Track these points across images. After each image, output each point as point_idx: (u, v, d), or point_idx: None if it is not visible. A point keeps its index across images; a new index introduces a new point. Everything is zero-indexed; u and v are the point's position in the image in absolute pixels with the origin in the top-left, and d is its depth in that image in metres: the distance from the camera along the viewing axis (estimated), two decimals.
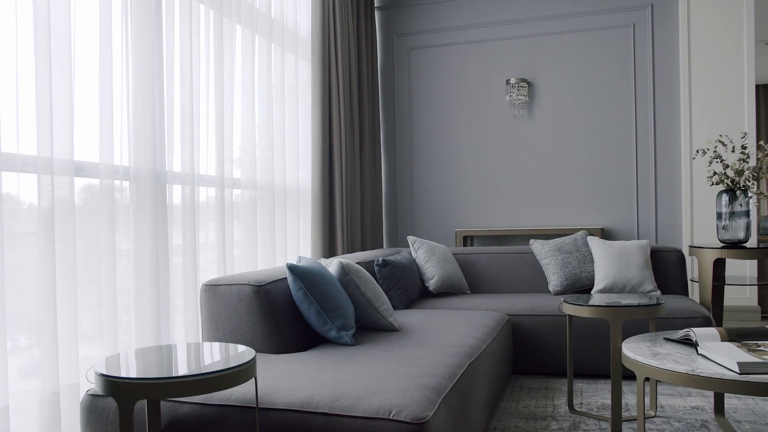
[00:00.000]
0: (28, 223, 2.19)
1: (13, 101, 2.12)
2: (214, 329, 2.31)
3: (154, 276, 2.70)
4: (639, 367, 1.99)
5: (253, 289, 2.25)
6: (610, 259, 3.49)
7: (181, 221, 2.94)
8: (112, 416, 1.76)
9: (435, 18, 5.13)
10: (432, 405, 1.60)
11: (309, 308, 2.27)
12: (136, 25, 2.64)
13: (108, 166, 2.52)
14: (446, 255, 3.71)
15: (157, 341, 2.72)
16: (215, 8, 3.19)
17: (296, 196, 4.11)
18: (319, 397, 1.62)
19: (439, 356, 2.06)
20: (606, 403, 2.70)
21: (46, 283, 2.18)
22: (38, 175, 2.21)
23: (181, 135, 2.94)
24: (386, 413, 1.54)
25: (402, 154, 5.22)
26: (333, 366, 1.93)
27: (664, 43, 4.61)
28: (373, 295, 2.51)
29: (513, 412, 2.61)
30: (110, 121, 2.52)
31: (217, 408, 1.67)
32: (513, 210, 4.92)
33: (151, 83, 2.69)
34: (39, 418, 2.19)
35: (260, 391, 1.69)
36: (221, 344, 1.69)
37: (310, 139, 4.23)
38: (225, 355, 1.54)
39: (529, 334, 3.21)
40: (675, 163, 4.60)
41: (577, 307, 2.39)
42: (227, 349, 1.61)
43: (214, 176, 3.19)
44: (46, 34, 2.18)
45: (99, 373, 1.40)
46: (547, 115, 4.86)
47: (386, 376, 1.78)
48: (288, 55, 4.05)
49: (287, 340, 2.27)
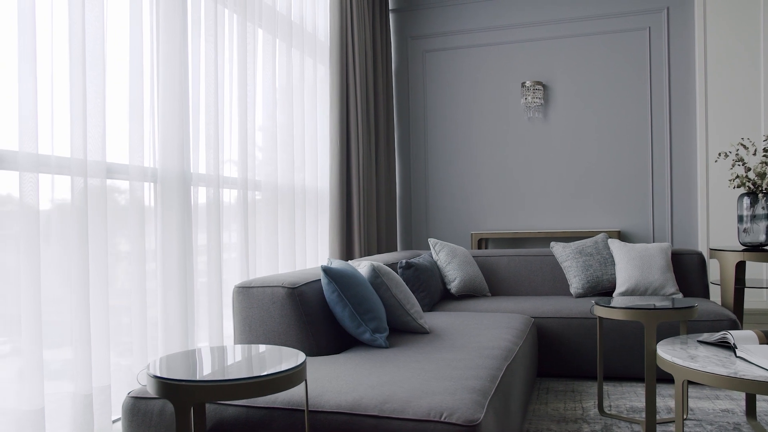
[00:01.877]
0: (62, 225, 2.18)
1: (48, 104, 2.12)
2: (247, 331, 2.30)
3: (180, 277, 2.69)
4: (678, 370, 1.98)
5: (287, 291, 2.24)
6: (631, 262, 3.49)
7: (206, 223, 2.94)
8: (156, 418, 1.76)
9: (450, 21, 5.14)
10: (481, 407, 1.59)
11: (343, 310, 2.26)
12: (164, 29, 2.64)
13: (138, 168, 2.52)
14: (467, 257, 3.71)
15: (183, 341, 2.72)
16: (239, 12, 3.19)
17: (315, 198, 4.11)
18: (368, 399, 1.62)
19: (477, 359, 2.06)
20: (635, 406, 2.70)
21: (78, 285, 2.18)
22: (72, 177, 2.21)
23: (206, 137, 2.94)
24: (437, 416, 1.53)
25: (416, 156, 5.22)
26: (373, 368, 1.93)
27: (680, 46, 4.62)
28: (404, 297, 2.51)
29: (543, 414, 2.61)
30: (141, 124, 2.52)
31: (263, 410, 1.66)
32: (528, 212, 4.92)
33: (178, 86, 2.69)
34: (72, 419, 2.19)
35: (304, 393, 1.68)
36: (267, 346, 1.68)
37: (328, 142, 4.23)
38: (276, 358, 1.53)
39: (553, 336, 3.21)
40: (691, 166, 4.60)
41: (610, 309, 2.39)
42: (280, 352, 1.60)
43: (237, 178, 3.19)
44: (81, 39, 2.19)
45: (153, 375, 1.39)
46: (562, 117, 4.86)
47: (430, 379, 1.78)
48: (307, 59, 4.06)
49: (321, 343, 2.26)
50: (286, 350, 1.62)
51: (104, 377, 2.32)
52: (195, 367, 1.47)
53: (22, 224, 1.99)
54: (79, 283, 2.17)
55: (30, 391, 2.00)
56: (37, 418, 2.03)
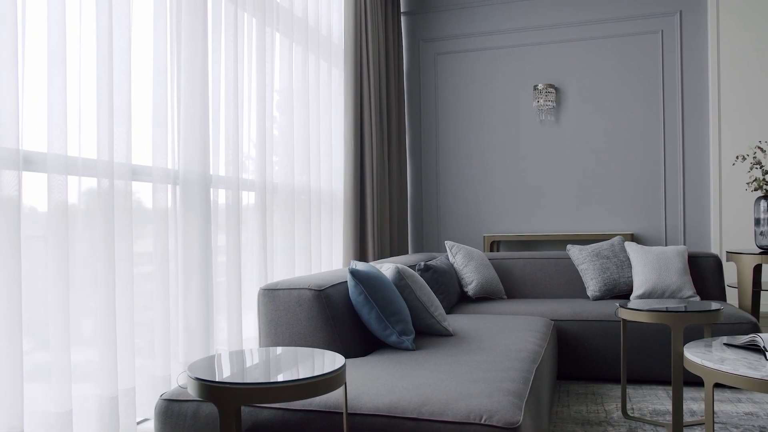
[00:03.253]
0: (88, 227, 2.18)
1: (76, 107, 2.13)
2: (272, 334, 2.30)
3: (201, 279, 2.69)
4: (708, 373, 1.98)
5: (314, 294, 2.24)
6: (648, 265, 3.48)
7: (225, 225, 2.94)
8: (189, 421, 1.75)
9: (461, 23, 5.14)
10: (519, 410, 1.59)
11: (369, 313, 2.26)
12: (186, 34, 2.66)
13: (161, 170, 2.52)
14: (483, 260, 3.71)
15: (204, 344, 2.72)
16: (258, 16, 3.20)
17: (329, 201, 4.11)
18: (405, 402, 1.62)
19: (506, 361, 2.05)
20: (657, 409, 2.69)
21: (104, 288, 2.18)
22: (98, 179, 2.21)
23: (225, 140, 2.94)
24: (477, 418, 1.53)
25: (428, 159, 5.22)
26: (405, 371, 1.92)
27: (692, 50, 4.62)
28: (427, 299, 2.51)
29: (566, 417, 2.60)
30: (164, 127, 2.53)
31: (299, 413, 1.66)
32: (540, 215, 4.92)
33: (199, 90, 2.70)
34: (98, 421, 2.18)
35: (341, 396, 1.68)
36: (301, 349, 1.68)
37: (342, 145, 4.23)
38: (317, 360, 1.53)
39: (572, 339, 3.20)
40: (703, 169, 4.60)
41: (636, 312, 2.39)
42: (320, 355, 1.60)
43: (255, 180, 3.19)
44: (108, 43, 2.20)
45: (196, 378, 1.39)
46: (574, 120, 4.86)
47: (465, 381, 1.77)
48: (322, 63, 4.07)
49: (347, 346, 2.26)
50: (323, 353, 1.61)
51: (129, 379, 2.31)
52: (236, 370, 1.46)
53: (51, 226, 1.99)
54: (105, 285, 2.17)
55: (58, 393, 2.00)
56: (65, 420, 2.03)
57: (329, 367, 1.45)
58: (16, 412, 1.83)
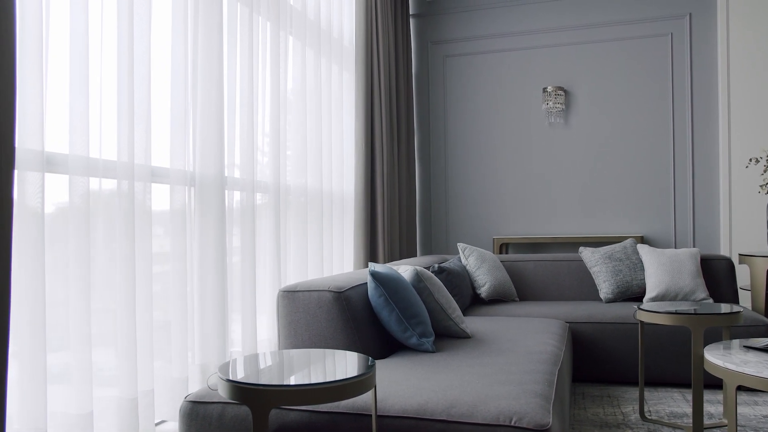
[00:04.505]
0: (107, 229, 2.18)
1: (98, 109, 2.13)
2: (292, 335, 2.30)
3: (217, 282, 2.69)
4: (731, 375, 1.98)
5: (334, 296, 2.24)
6: (661, 267, 3.48)
7: (240, 226, 2.94)
8: (215, 422, 1.75)
9: (470, 26, 5.15)
10: (548, 412, 1.59)
11: (390, 315, 2.26)
12: (203, 38, 2.66)
13: (178, 171, 2.53)
14: (495, 262, 3.71)
15: (220, 346, 2.71)
16: (272, 20, 3.21)
17: (340, 203, 4.11)
18: (433, 404, 1.61)
19: (528, 363, 2.05)
20: (675, 411, 2.69)
21: (123, 288, 2.18)
22: (118, 181, 2.21)
23: (240, 142, 2.95)
24: (507, 420, 1.53)
25: (436, 161, 5.23)
26: (429, 373, 1.92)
27: (702, 52, 4.63)
28: (445, 302, 2.51)
29: (584, 419, 2.60)
30: (182, 129, 2.53)
31: (326, 415, 1.66)
32: (549, 218, 4.92)
33: (215, 92, 2.70)
34: (118, 422, 2.18)
35: (369, 398, 1.68)
36: (329, 351, 1.68)
37: (352, 148, 4.24)
38: (348, 363, 1.53)
39: (586, 341, 3.20)
40: (713, 172, 4.61)
41: (655, 314, 2.38)
42: (351, 357, 1.60)
43: (269, 182, 3.19)
44: (129, 48, 2.21)
45: (228, 379, 1.38)
46: (583, 123, 4.87)
47: (492, 383, 1.77)
48: (333, 66, 4.07)
49: (367, 347, 2.26)
50: (351, 355, 1.61)
51: (148, 381, 2.31)
52: (268, 372, 1.46)
53: (71, 227, 1.99)
54: (125, 286, 2.17)
55: (79, 394, 2.00)
56: (86, 422, 2.03)
57: (361, 369, 1.45)
58: (40, 413, 1.83)
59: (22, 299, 1.79)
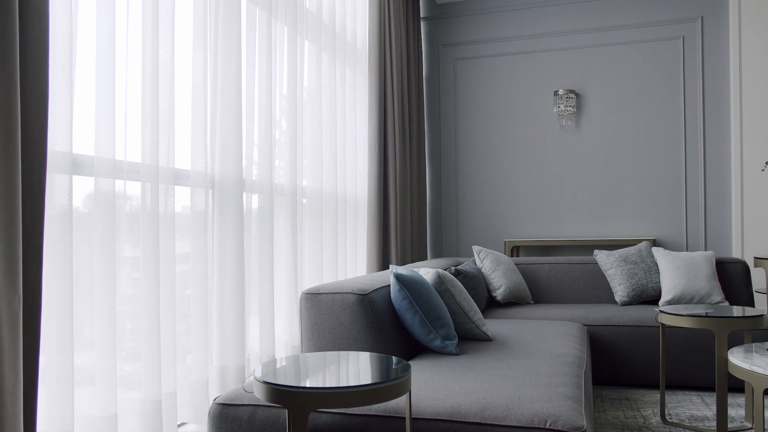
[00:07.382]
0: (131, 231, 2.18)
1: (123, 111, 2.13)
2: (315, 338, 2.30)
3: (235, 284, 2.69)
4: (758, 379, 1.98)
5: (358, 298, 2.23)
6: (677, 270, 3.48)
7: (258, 229, 2.94)
8: (245, 425, 1.75)
9: (481, 29, 5.16)
10: (581, 415, 1.58)
11: (413, 317, 2.26)
12: (223, 41, 2.67)
13: (199, 174, 2.53)
14: (510, 265, 3.71)
15: (239, 348, 2.71)
16: (289, 24, 3.22)
17: (354, 205, 4.12)
18: (466, 406, 1.61)
19: (554, 366, 2.05)
20: (695, 414, 2.68)
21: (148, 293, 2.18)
22: (142, 183, 2.21)
23: (258, 145, 2.95)
24: (541, 423, 1.52)
25: (447, 164, 5.23)
26: (457, 375, 1.92)
27: (714, 56, 4.63)
28: (467, 304, 2.50)
29: (605, 422, 2.60)
30: (203, 132, 2.53)
31: (359, 418, 1.65)
32: (561, 220, 4.92)
33: (233, 96, 2.71)
34: (141, 424, 2.18)
35: (400, 401, 1.67)
36: (360, 353, 1.68)
37: (366, 151, 4.24)
38: (383, 365, 1.53)
39: (604, 344, 3.20)
40: (725, 174, 4.60)
41: (677, 317, 2.38)
42: (385, 360, 1.60)
43: (285, 185, 3.20)
44: (153, 53, 2.21)
45: (266, 382, 1.38)
46: (595, 126, 4.87)
47: (522, 386, 1.77)
48: (347, 70, 4.08)
49: (391, 350, 2.26)
50: (385, 357, 1.61)
51: (171, 383, 2.31)
52: (304, 375, 1.46)
53: (97, 229, 1.99)
54: (149, 287, 2.17)
55: (104, 397, 2.00)
56: (110, 425, 2.03)
57: (398, 373, 1.44)
58: (67, 416, 1.83)
59: (50, 302, 1.79)
